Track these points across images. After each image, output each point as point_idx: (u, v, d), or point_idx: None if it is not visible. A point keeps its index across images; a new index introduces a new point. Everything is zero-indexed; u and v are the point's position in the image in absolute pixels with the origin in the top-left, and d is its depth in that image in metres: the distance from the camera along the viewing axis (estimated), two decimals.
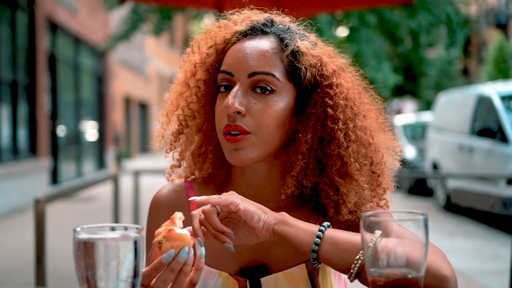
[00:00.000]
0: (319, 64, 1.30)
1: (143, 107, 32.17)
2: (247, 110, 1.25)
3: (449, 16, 13.32)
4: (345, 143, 1.26)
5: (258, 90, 1.26)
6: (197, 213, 1.15)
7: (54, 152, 13.51)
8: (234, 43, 1.32)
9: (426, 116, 16.21)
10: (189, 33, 39.22)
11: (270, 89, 1.25)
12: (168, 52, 35.93)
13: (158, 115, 1.45)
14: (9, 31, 11.03)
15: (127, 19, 14.34)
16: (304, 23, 1.39)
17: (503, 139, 8.73)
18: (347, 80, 1.32)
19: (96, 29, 16.88)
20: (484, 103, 9.80)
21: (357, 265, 1.11)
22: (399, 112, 33.07)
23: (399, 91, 27.63)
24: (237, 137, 1.24)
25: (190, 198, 1.17)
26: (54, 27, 13.49)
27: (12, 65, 11.01)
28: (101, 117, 18.25)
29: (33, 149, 11.90)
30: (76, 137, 15.68)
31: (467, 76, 33.06)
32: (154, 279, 1.06)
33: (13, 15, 11.15)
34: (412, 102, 33.78)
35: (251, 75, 1.26)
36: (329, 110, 1.27)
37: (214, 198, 1.14)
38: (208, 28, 1.40)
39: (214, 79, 1.35)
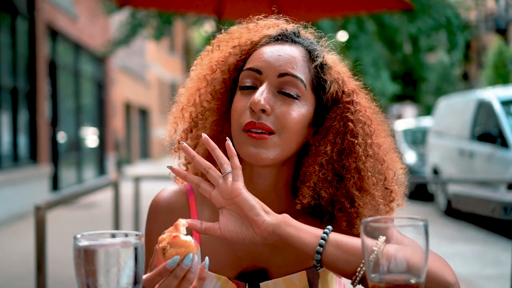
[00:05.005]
0: (341, 81, 1.33)
1: (143, 113, 32.19)
2: (272, 110, 1.25)
3: (449, 19, 13.35)
4: (363, 157, 1.28)
5: (284, 93, 1.26)
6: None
7: (55, 159, 13.52)
8: (263, 45, 1.33)
9: (426, 121, 16.21)
10: (189, 39, 39.33)
11: (296, 93, 1.27)
12: (168, 58, 35.97)
13: (172, 109, 1.44)
14: (9, 38, 11.05)
15: (127, 23, 14.37)
16: (310, 29, 1.41)
17: (503, 144, 8.73)
18: (363, 100, 1.35)
19: (96, 35, 16.91)
20: (484, 108, 9.80)
21: (363, 269, 1.11)
22: (399, 117, 33.08)
23: (399, 96, 27.66)
24: (261, 135, 1.24)
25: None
26: (54, 34, 13.52)
27: (12, 72, 11.02)
28: (101, 123, 18.26)
29: (33, 156, 11.90)
30: (76, 143, 15.69)
31: (467, 81, 33.10)
32: (157, 285, 1.06)
33: (13, 22, 11.17)
34: (412, 107, 33.81)
35: (281, 75, 1.26)
36: (350, 124, 1.29)
37: (215, 171, 1.16)
38: (232, 29, 1.40)
39: (233, 78, 1.35)
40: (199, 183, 1.17)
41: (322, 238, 1.13)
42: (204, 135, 1.18)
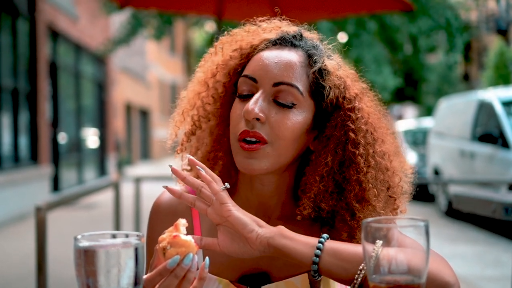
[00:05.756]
0: (342, 86, 1.29)
1: (144, 114, 32.20)
2: (267, 119, 1.23)
3: (449, 21, 13.37)
4: (364, 168, 1.25)
5: (280, 101, 1.24)
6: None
7: (55, 160, 13.52)
8: (262, 50, 1.30)
9: (427, 122, 16.21)
10: (190, 40, 39.35)
11: (292, 101, 1.24)
12: (169, 59, 35.98)
13: (173, 113, 1.43)
14: (10, 39, 11.05)
15: (127, 23, 14.39)
16: (318, 35, 1.38)
17: (504, 144, 8.73)
18: (368, 104, 1.32)
19: (97, 36, 16.91)
20: (485, 108, 9.80)
21: (361, 275, 1.11)
22: (400, 117, 33.08)
23: (400, 97, 27.64)
24: (252, 146, 1.23)
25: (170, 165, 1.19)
26: (55, 35, 13.52)
27: (13, 72, 11.02)
28: (102, 124, 18.27)
29: (34, 157, 11.90)
30: (77, 144, 15.69)
31: (467, 82, 33.08)
32: (157, 285, 1.06)
33: (14, 23, 11.18)
34: (413, 108, 33.80)
35: (276, 84, 1.24)
36: (351, 134, 1.26)
37: (208, 190, 1.16)
38: (234, 31, 1.38)
39: (234, 82, 1.34)
40: (194, 202, 1.17)
41: (318, 248, 1.13)
42: (188, 156, 1.18)
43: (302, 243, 1.14)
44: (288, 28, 1.36)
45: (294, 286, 1.27)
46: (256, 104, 1.22)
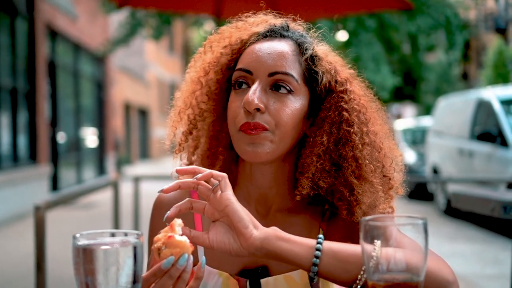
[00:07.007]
0: (333, 71, 1.33)
1: (143, 113, 32.18)
2: (266, 108, 1.25)
3: (448, 18, 13.37)
4: (360, 145, 1.28)
5: (277, 89, 1.27)
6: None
7: (54, 159, 13.51)
8: (253, 43, 1.33)
9: (426, 121, 16.23)
10: (189, 39, 39.32)
11: (288, 89, 1.27)
12: (167, 58, 35.96)
13: (170, 114, 1.44)
14: (9, 38, 11.05)
15: (126, 23, 14.38)
16: (308, 27, 1.41)
17: (503, 143, 8.73)
18: (358, 88, 1.35)
19: (96, 35, 16.91)
20: (483, 107, 9.80)
21: (364, 275, 1.09)
22: (399, 116, 33.06)
23: (399, 96, 27.65)
24: (256, 131, 1.24)
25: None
26: (54, 34, 13.51)
27: (12, 72, 11.02)
28: (101, 123, 18.26)
29: (33, 156, 11.90)
30: (76, 143, 15.68)
31: (466, 81, 33.09)
32: (152, 285, 1.06)
33: (12, 22, 11.17)
34: (412, 107, 33.80)
35: (272, 74, 1.27)
36: (345, 113, 1.29)
37: (204, 186, 1.13)
38: (222, 29, 1.41)
39: (227, 78, 1.36)
40: (190, 205, 1.14)
41: (317, 249, 1.12)
42: (177, 168, 1.17)
43: (299, 244, 1.12)
44: (274, 20, 1.39)
45: (293, 281, 1.28)
46: (255, 94, 1.24)
